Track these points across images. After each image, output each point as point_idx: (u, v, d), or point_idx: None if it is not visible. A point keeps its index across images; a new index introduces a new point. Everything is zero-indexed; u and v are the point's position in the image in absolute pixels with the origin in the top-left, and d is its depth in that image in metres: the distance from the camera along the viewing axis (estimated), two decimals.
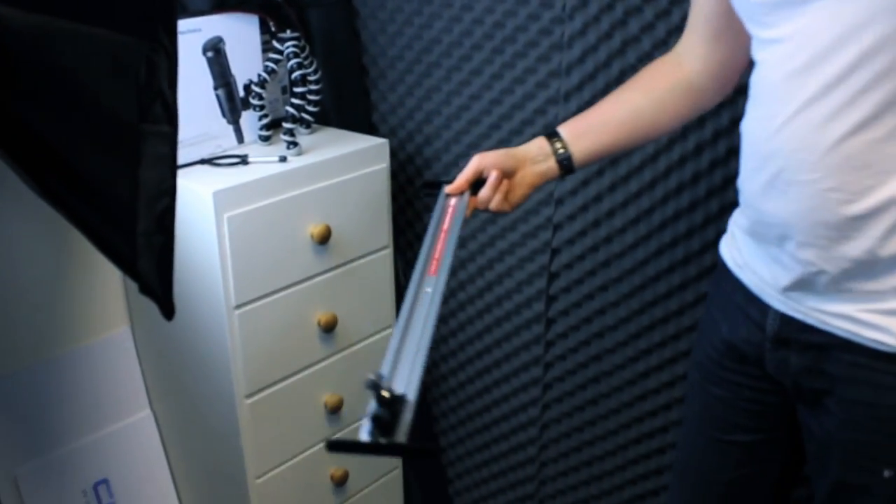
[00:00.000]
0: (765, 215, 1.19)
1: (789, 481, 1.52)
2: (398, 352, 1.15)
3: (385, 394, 0.99)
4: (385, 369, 1.10)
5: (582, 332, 2.02)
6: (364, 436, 1.00)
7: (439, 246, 1.41)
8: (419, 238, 2.24)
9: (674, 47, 1.46)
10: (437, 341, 2.32)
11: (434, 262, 1.36)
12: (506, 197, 1.46)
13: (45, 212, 1.85)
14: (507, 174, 1.46)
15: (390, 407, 1.00)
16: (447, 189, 1.48)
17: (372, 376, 0.99)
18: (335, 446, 1.03)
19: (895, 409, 1.17)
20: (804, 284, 1.19)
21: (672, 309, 1.88)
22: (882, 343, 1.14)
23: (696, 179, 1.76)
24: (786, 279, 1.21)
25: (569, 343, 2.05)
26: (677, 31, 1.57)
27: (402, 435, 0.99)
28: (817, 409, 1.29)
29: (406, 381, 1.09)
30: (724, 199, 1.74)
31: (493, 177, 1.44)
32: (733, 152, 1.67)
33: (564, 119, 1.79)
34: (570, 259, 1.96)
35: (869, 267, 1.11)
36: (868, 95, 1.03)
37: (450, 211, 1.45)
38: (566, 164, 1.46)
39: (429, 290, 1.31)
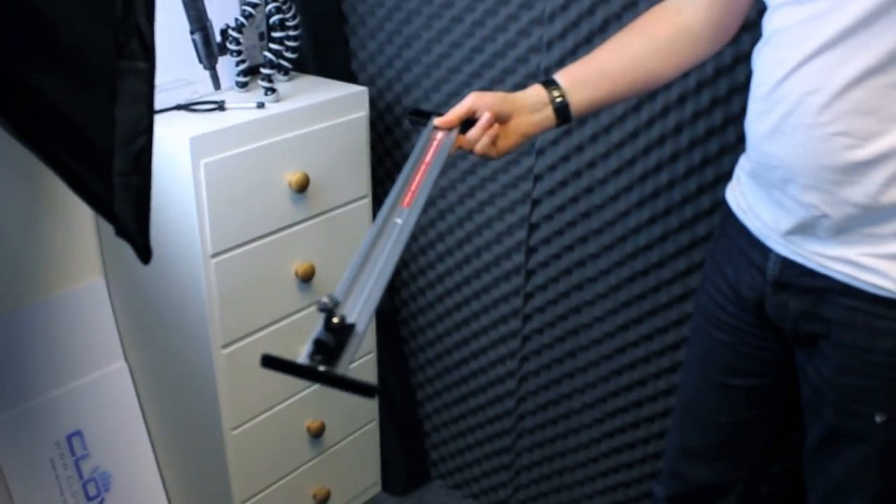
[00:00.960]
0: (769, 158, 1.20)
1: (787, 428, 1.54)
2: (354, 280, 1.09)
3: (335, 320, 0.96)
4: (339, 294, 1.05)
5: (561, 284, 2.01)
6: (303, 359, 0.96)
7: (417, 178, 1.32)
8: None
9: None
10: (415, 293, 2.31)
11: (409, 194, 1.28)
12: (494, 142, 1.40)
13: (17, 158, 1.83)
14: (501, 118, 1.40)
15: (337, 335, 0.97)
16: (436, 121, 1.41)
17: (325, 299, 0.97)
18: (270, 362, 0.97)
19: (890, 354, 1.20)
20: (806, 228, 1.20)
21: (652, 261, 1.87)
22: (880, 287, 1.16)
23: (678, 129, 1.74)
24: (788, 223, 1.22)
25: (548, 295, 2.04)
26: None
27: (343, 366, 0.95)
28: (813, 354, 1.31)
29: (359, 312, 1.04)
30: (702, 153, 1.73)
31: (484, 118, 1.37)
32: (735, 91, 1.66)
33: (547, 68, 1.79)
34: (550, 210, 1.95)
35: (871, 212, 1.13)
36: (880, 42, 1.04)
37: (434, 144, 1.37)
38: (563, 114, 1.41)
39: (399, 220, 1.23)
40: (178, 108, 1.81)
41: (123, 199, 1.17)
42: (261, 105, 1.83)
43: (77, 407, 2.08)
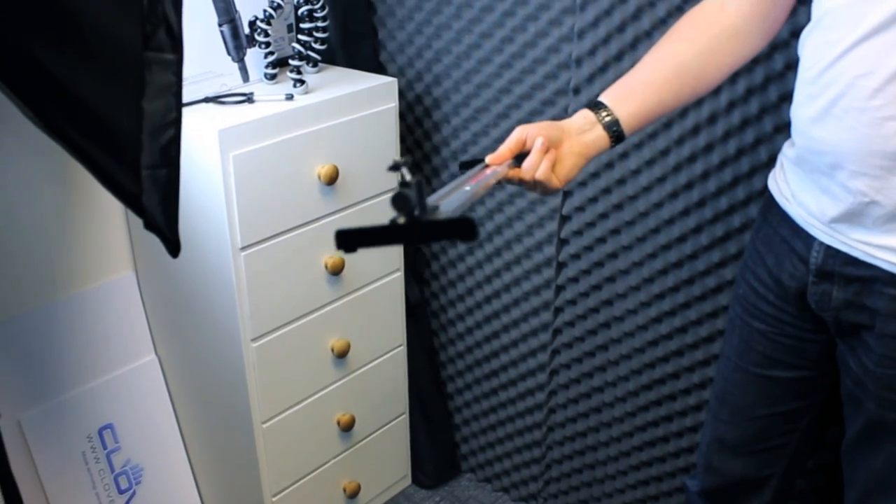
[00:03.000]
0: (818, 143, 1.18)
1: (825, 422, 1.51)
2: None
3: (408, 177, 0.91)
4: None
5: (593, 276, 1.99)
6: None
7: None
8: (428, 180, 2.21)
9: None
10: (446, 285, 2.30)
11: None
12: (553, 169, 1.31)
13: (48, 155, 1.83)
14: (553, 144, 1.32)
15: (415, 188, 0.90)
16: (488, 159, 1.30)
17: (395, 158, 0.92)
18: (346, 238, 0.91)
19: None
20: (852, 216, 1.18)
21: (686, 253, 1.84)
22: None
23: (713, 119, 1.71)
24: (834, 210, 1.20)
25: (579, 287, 2.02)
26: None
27: (427, 213, 0.88)
28: (856, 345, 1.29)
29: (446, 201, 1.00)
30: (739, 141, 1.70)
31: (538, 142, 1.29)
32: (772, 79, 1.62)
33: (578, 59, 1.78)
34: (581, 201, 1.92)
35: None
36: None
37: (479, 177, 1.23)
38: (615, 131, 1.33)
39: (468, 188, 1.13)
40: (207, 100, 1.81)
41: (152, 191, 1.16)
42: (290, 97, 1.82)
43: (108, 400, 2.09)
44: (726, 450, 1.57)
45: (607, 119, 1.33)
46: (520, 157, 1.31)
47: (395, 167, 0.91)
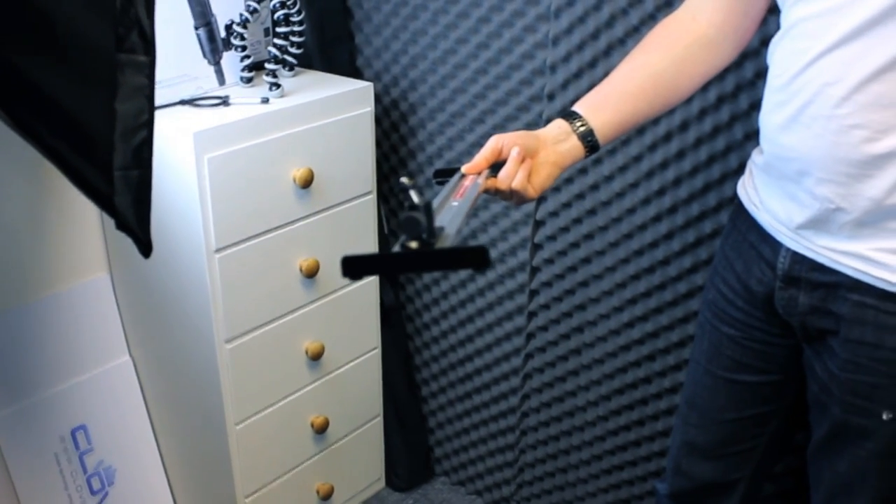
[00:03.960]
0: (785, 150, 1.20)
1: (793, 426, 1.53)
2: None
3: (416, 198, 0.85)
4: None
5: (567, 281, 2.00)
6: (395, 247, 0.85)
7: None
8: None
9: (683, 4, 1.39)
10: (421, 289, 2.31)
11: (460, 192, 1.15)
12: (528, 179, 1.31)
13: (21, 155, 1.83)
14: (529, 153, 1.31)
15: (424, 210, 0.84)
16: (463, 168, 1.29)
17: (402, 179, 0.87)
18: (352, 265, 0.84)
19: None
20: (818, 223, 1.20)
21: (657, 258, 1.86)
22: (890, 283, 1.16)
23: (685, 126, 1.73)
24: (801, 216, 1.22)
25: (553, 292, 2.04)
26: None
27: (440, 240, 0.84)
28: (822, 350, 1.31)
29: (449, 223, 0.95)
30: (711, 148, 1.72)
31: (514, 151, 1.29)
32: (742, 88, 1.64)
33: (553, 65, 1.79)
34: (555, 207, 1.94)
35: (885, 207, 1.12)
36: None
37: (461, 189, 1.20)
38: (590, 141, 1.33)
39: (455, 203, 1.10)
40: (182, 103, 1.81)
41: (124, 192, 1.16)
42: (265, 100, 1.82)
43: (81, 402, 2.09)
44: (695, 453, 1.59)
45: (581, 129, 1.33)
46: (495, 167, 1.30)
47: (403, 189, 0.86)
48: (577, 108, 1.36)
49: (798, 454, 1.63)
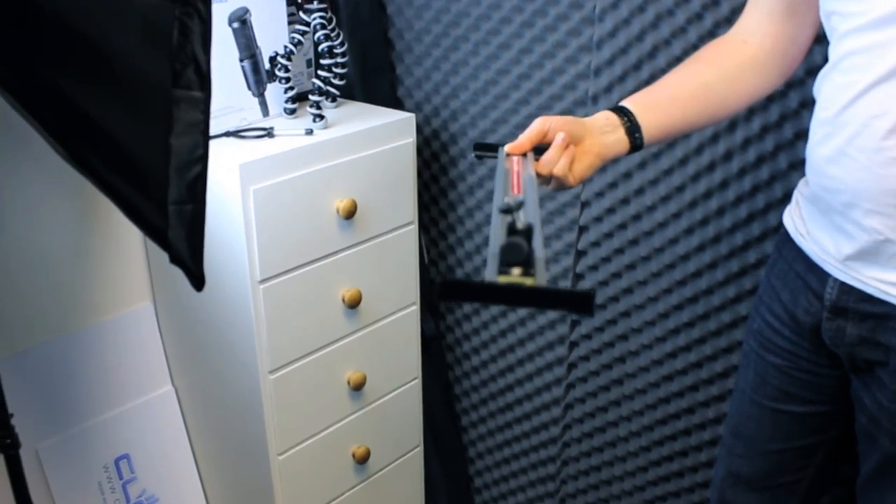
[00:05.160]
0: (832, 181, 1.20)
1: (840, 458, 1.52)
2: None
3: (520, 225, 0.84)
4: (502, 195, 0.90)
5: (608, 312, 2.00)
6: (490, 272, 0.82)
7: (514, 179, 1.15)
8: (443, 214, 2.23)
9: (733, 28, 1.42)
10: (460, 319, 2.31)
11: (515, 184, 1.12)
12: (570, 167, 1.30)
13: (67, 184, 1.85)
14: (573, 140, 1.31)
15: (524, 236, 0.82)
16: (507, 147, 1.29)
17: (506, 199, 0.86)
18: (451, 289, 0.82)
19: None
20: (867, 254, 1.19)
21: (701, 288, 1.85)
22: None
23: (728, 156, 1.73)
24: (849, 248, 1.22)
25: (595, 322, 2.03)
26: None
27: (542, 275, 0.80)
28: (870, 381, 1.29)
29: (528, 213, 0.93)
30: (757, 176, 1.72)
31: (559, 137, 1.28)
32: (787, 117, 1.64)
33: (595, 95, 1.79)
34: (597, 237, 1.94)
35: None
36: None
37: (514, 174, 1.19)
38: (636, 138, 1.35)
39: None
40: (228, 134, 1.83)
41: (178, 226, 1.17)
42: (309, 132, 1.84)
43: (125, 431, 2.10)
44: (740, 484, 1.57)
45: (629, 125, 1.34)
46: (538, 149, 1.29)
47: (506, 210, 0.85)
48: (626, 103, 1.37)
49: (846, 487, 1.61)
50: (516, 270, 0.81)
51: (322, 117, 1.87)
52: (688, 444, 2.01)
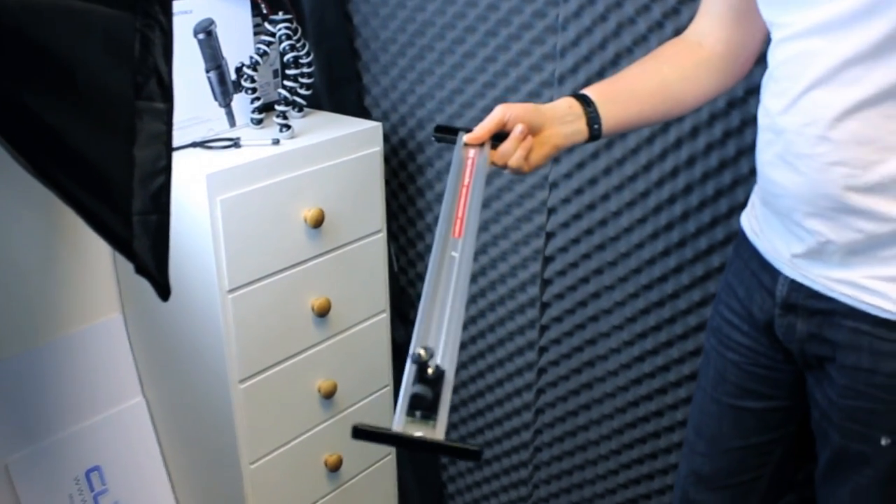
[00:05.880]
0: (775, 186, 1.24)
1: (798, 457, 1.55)
2: (428, 323, 1.04)
3: (430, 371, 0.92)
4: (430, 343, 0.99)
5: (577, 316, 2.02)
6: (398, 417, 0.91)
7: (461, 203, 1.24)
8: (412, 223, 2.24)
9: (688, 30, 1.45)
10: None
11: (458, 222, 1.21)
12: (526, 157, 1.34)
13: (34, 197, 1.85)
14: (533, 130, 1.34)
15: (433, 385, 0.91)
16: (466, 138, 1.33)
17: (419, 350, 0.93)
18: (361, 433, 0.92)
19: (893, 376, 1.21)
20: (812, 253, 1.23)
21: (667, 292, 1.87)
22: (883, 310, 1.19)
23: (691, 162, 1.75)
24: (797, 248, 1.25)
25: (563, 327, 2.05)
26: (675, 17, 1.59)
27: (442, 424, 0.91)
28: (821, 377, 1.33)
29: (443, 357, 0.97)
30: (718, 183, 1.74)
31: (518, 129, 1.31)
32: (748, 123, 1.66)
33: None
34: (564, 242, 1.96)
35: (874, 238, 1.15)
36: (874, 77, 1.07)
37: (469, 164, 1.29)
38: (595, 129, 1.37)
39: (455, 254, 1.16)
40: (194, 145, 1.83)
41: (143, 237, 1.18)
42: (276, 142, 1.85)
43: (96, 442, 2.09)
44: (702, 483, 1.60)
45: (592, 115, 1.37)
46: (497, 136, 1.33)
47: (417, 361, 0.93)
48: (588, 92, 1.39)
49: (810, 487, 1.64)
50: (420, 415, 0.91)
51: (289, 127, 1.88)
52: (657, 447, 2.03)
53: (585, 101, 1.38)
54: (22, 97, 1.11)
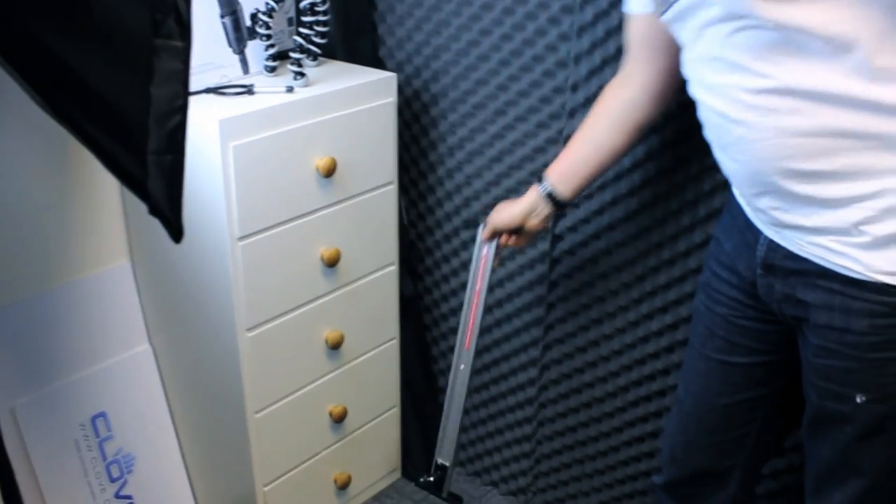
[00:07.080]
0: (724, 168, 1.35)
1: (784, 414, 1.57)
2: (444, 429, 1.87)
3: (430, 479, 1.89)
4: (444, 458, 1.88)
5: (586, 273, 2.01)
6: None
7: (472, 314, 1.81)
8: (423, 175, 2.22)
9: (619, 70, 1.58)
10: (439, 280, 2.32)
11: (468, 336, 1.78)
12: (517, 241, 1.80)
13: (44, 142, 1.84)
14: (516, 231, 1.77)
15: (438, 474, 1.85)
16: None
17: (424, 478, 1.88)
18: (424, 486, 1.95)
19: (865, 334, 1.24)
20: (778, 221, 1.29)
21: (664, 258, 1.87)
22: (852, 270, 1.22)
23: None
24: (765, 217, 1.32)
25: (572, 284, 2.04)
26: None
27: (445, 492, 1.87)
28: (800, 338, 1.37)
29: (446, 453, 1.87)
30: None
31: (502, 239, 1.80)
32: None
33: (577, 56, 1.80)
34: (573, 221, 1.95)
35: (830, 210, 1.21)
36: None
37: (482, 264, 1.82)
38: (559, 202, 1.69)
39: (463, 367, 1.79)
40: (208, 91, 1.82)
41: (157, 177, 1.17)
42: (290, 89, 1.83)
43: (102, 389, 2.10)
44: (689, 441, 1.63)
45: (553, 203, 1.69)
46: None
47: (425, 486, 1.75)
48: (548, 177, 1.67)
49: (800, 452, 1.64)
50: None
51: (303, 75, 1.87)
52: (663, 405, 2.03)
53: (548, 196, 1.68)
54: (38, 34, 1.09)
